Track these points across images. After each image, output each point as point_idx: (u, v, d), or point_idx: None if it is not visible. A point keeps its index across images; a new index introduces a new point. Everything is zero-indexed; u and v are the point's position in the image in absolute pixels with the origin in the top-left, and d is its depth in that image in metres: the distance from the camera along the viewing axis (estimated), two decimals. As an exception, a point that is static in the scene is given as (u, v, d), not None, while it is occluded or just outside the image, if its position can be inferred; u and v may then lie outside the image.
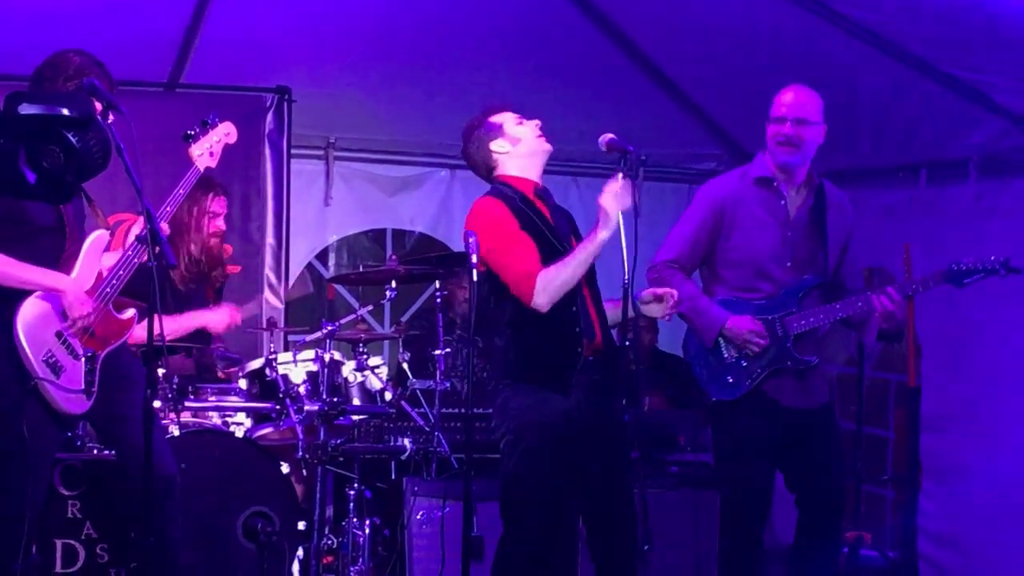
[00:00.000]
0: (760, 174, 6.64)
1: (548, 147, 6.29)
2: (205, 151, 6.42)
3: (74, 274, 5.93)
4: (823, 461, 6.61)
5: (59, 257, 5.94)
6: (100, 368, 5.97)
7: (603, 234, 5.91)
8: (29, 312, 5.81)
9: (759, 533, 6.65)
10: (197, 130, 6.45)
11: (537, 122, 6.31)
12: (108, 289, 5.98)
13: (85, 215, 6.08)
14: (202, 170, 6.40)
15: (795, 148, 6.51)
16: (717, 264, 6.74)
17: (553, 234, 6.17)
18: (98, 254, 6.02)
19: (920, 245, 8.02)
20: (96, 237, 6.03)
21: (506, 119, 6.32)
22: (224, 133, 6.53)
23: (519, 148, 6.28)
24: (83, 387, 5.89)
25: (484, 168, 6.37)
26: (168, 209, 6.16)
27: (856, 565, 6.80)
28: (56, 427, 5.96)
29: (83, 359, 5.90)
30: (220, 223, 8.00)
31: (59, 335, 5.85)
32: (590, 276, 6.14)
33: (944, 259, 6.80)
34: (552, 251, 6.10)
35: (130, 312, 6.14)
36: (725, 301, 6.68)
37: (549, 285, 5.97)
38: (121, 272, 5.99)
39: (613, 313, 6.17)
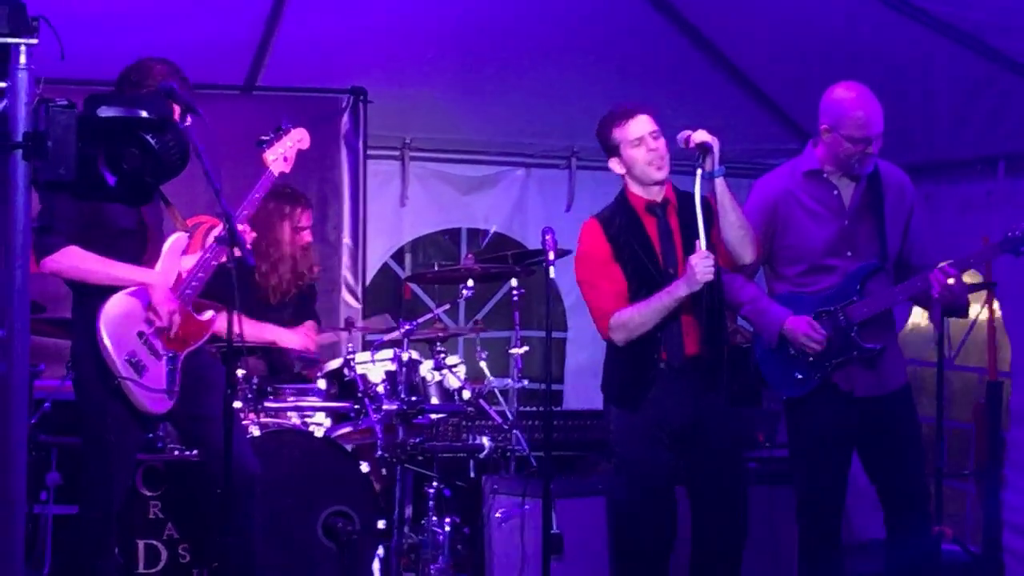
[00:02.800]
0: (809, 167, 6.57)
1: (659, 176, 6.22)
2: (279, 156, 6.47)
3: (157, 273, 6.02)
4: (900, 449, 6.53)
5: (139, 259, 6.01)
6: (181, 368, 6.03)
7: (683, 291, 6.03)
8: (112, 312, 5.89)
9: (835, 528, 6.59)
10: (271, 136, 6.49)
11: (654, 146, 6.21)
12: (187, 290, 6.04)
13: (163, 218, 6.14)
14: (276, 175, 6.45)
15: (871, 161, 6.47)
16: (776, 262, 6.71)
17: (651, 258, 6.22)
18: (177, 256, 6.08)
19: (999, 237, 7.96)
20: (175, 239, 6.09)
21: (625, 137, 6.26)
22: (297, 139, 6.56)
23: (632, 171, 6.29)
24: (165, 387, 5.96)
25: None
26: (245, 212, 6.21)
27: (938, 560, 6.73)
28: (139, 427, 6.04)
29: (165, 359, 5.95)
30: (308, 235, 8.07)
31: (141, 335, 5.92)
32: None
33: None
34: (645, 278, 6.21)
35: (209, 313, 6.20)
36: (785, 297, 6.65)
37: (622, 327, 6.22)
38: (200, 274, 6.05)
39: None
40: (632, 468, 6.36)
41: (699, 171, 6.00)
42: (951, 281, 6.30)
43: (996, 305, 7.89)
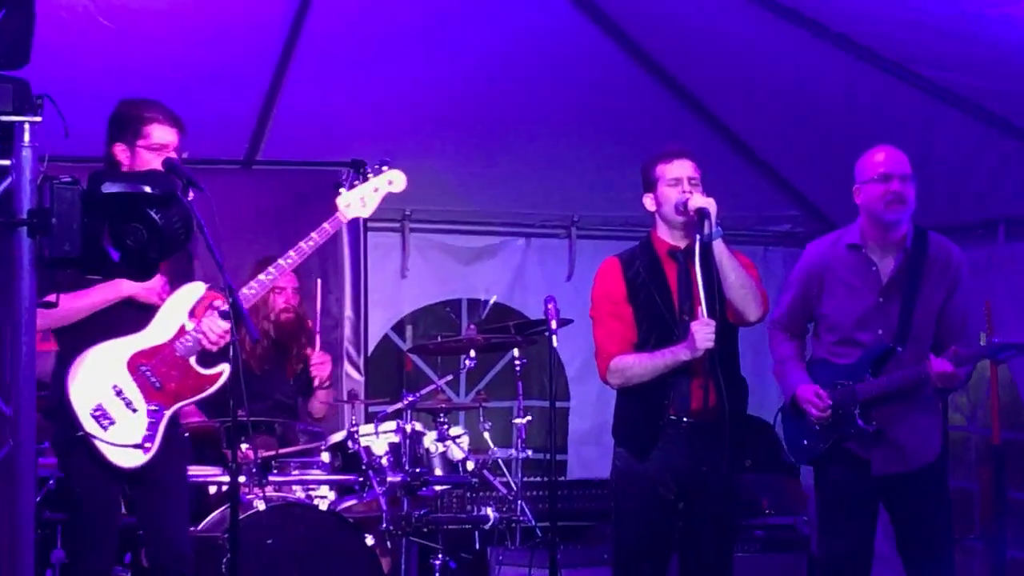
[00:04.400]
0: (852, 240, 6.58)
1: (681, 219, 6.22)
2: (355, 200, 6.34)
3: (150, 327, 5.93)
4: (925, 525, 6.49)
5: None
6: (166, 426, 5.89)
7: (684, 355, 6.02)
8: (84, 363, 5.83)
9: None
10: (350, 177, 6.40)
11: (688, 189, 6.22)
12: (187, 342, 5.94)
13: (190, 272, 6.08)
14: (346, 220, 6.32)
15: (904, 205, 6.44)
16: (818, 326, 6.75)
17: (667, 304, 6.22)
18: (187, 303, 6.00)
19: (1002, 301, 7.98)
20: (192, 287, 6.01)
21: (664, 175, 6.30)
22: (387, 181, 6.41)
23: (661, 210, 6.31)
24: (139, 442, 5.82)
25: None
26: (294, 257, 6.16)
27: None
28: (110, 480, 5.88)
29: (146, 411, 5.86)
30: (290, 297, 8.05)
31: (116, 388, 5.84)
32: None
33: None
34: (658, 324, 6.21)
35: (219, 367, 6.06)
36: (817, 362, 6.70)
37: (620, 373, 6.25)
38: (200, 336, 5.97)
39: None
40: (626, 520, 6.33)
41: (698, 236, 6.00)
42: (948, 372, 6.29)
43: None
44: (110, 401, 5.84)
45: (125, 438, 5.80)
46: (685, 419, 6.16)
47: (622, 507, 6.34)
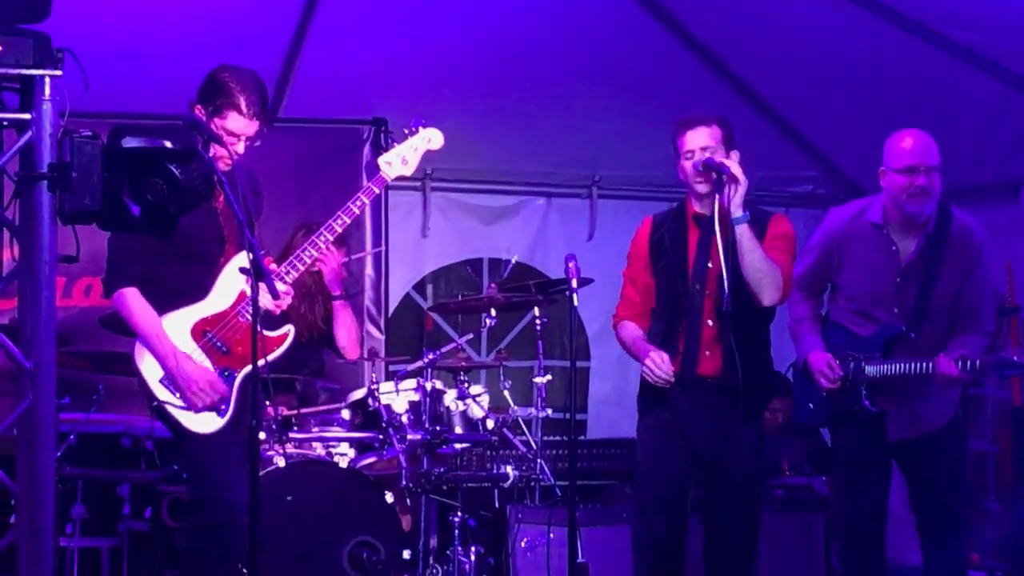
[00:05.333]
0: (873, 220, 6.56)
1: (699, 189, 6.25)
2: (396, 159, 6.36)
3: (212, 294, 5.92)
4: (938, 483, 6.53)
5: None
6: (240, 387, 5.91)
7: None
8: None
9: (874, 552, 6.58)
10: (389, 142, 6.41)
11: (698, 162, 6.21)
12: (247, 306, 5.92)
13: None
14: (390, 179, 6.35)
15: (929, 197, 6.41)
16: (837, 290, 6.77)
17: (681, 271, 6.28)
18: (239, 275, 5.91)
19: (1023, 262, 7.96)
20: (242, 256, 5.95)
21: (682, 147, 6.31)
22: (426, 139, 6.43)
23: (687, 181, 6.35)
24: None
25: None
26: (343, 219, 6.15)
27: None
28: (202, 440, 5.87)
29: (217, 376, 5.86)
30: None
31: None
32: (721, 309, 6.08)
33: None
34: (670, 291, 6.32)
35: (284, 329, 6.08)
36: (833, 325, 6.72)
37: (618, 338, 6.58)
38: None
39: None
40: (640, 478, 6.46)
41: (717, 197, 5.99)
42: (953, 376, 6.28)
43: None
44: None
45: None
46: (690, 381, 6.21)
47: (637, 464, 6.48)
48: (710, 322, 6.22)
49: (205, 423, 5.84)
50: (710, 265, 6.22)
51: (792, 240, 6.34)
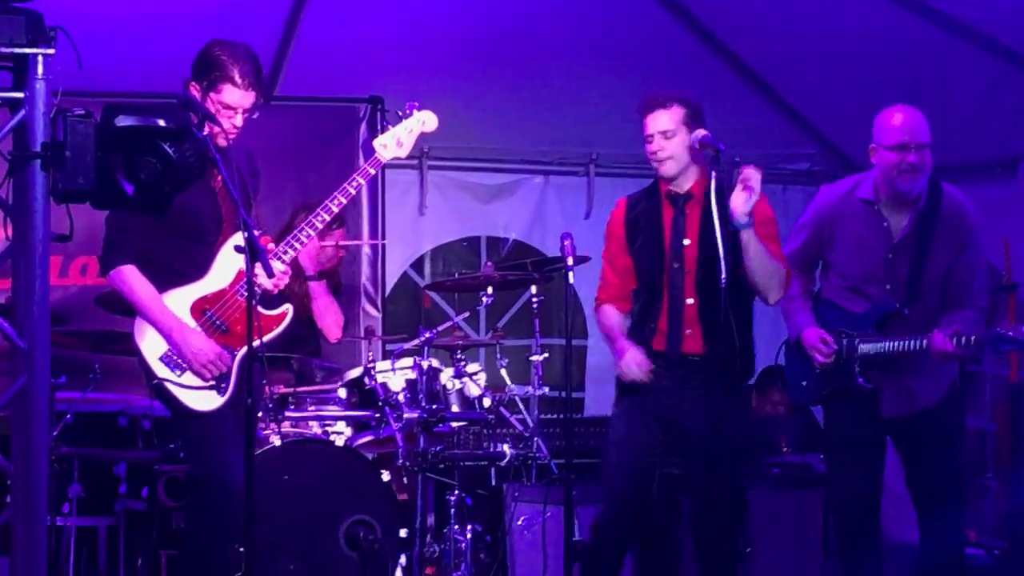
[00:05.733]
0: (864, 196, 6.55)
1: (662, 172, 6.31)
2: (391, 141, 6.36)
3: (210, 273, 5.92)
4: (933, 458, 6.53)
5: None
6: (239, 366, 5.90)
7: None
8: None
9: (869, 528, 6.60)
10: (384, 121, 6.43)
11: (652, 148, 6.29)
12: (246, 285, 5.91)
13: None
14: (385, 161, 6.36)
15: (920, 174, 6.40)
16: (828, 267, 6.78)
17: (657, 250, 6.32)
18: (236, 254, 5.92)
19: (1020, 239, 7.95)
20: (239, 236, 5.92)
21: (644, 132, 6.36)
22: (420, 122, 6.45)
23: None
24: (214, 383, 5.85)
25: None
26: (339, 200, 6.14)
27: (965, 565, 6.73)
28: (200, 419, 5.89)
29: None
30: (340, 252, 8.18)
31: None
32: (704, 285, 6.16)
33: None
34: (647, 269, 6.39)
35: (282, 308, 6.07)
36: (825, 302, 6.73)
37: (598, 322, 6.67)
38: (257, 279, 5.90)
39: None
40: (609, 447, 6.55)
41: (713, 174, 5.98)
42: (948, 352, 6.27)
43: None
44: None
45: (199, 380, 5.83)
46: (676, 359, 6.27)
47: (607, 440, 6.62)
48: (690, 300, 6.26)
49: (205, 401, 5.85)
50: (687, 242, 6.26)
51: (775, 222, 6.34)
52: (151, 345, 5.82)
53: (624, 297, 6.49)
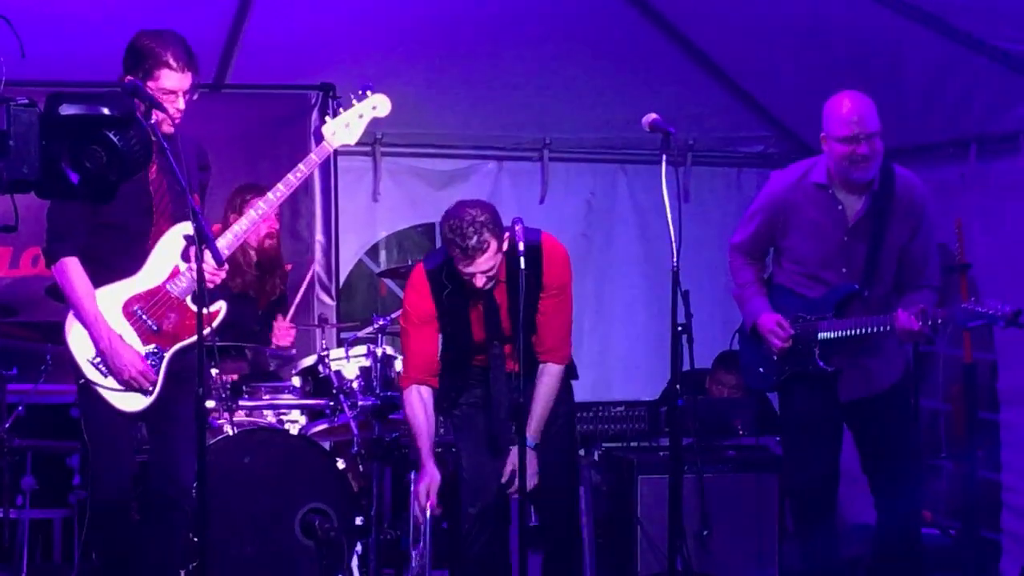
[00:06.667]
0: (817, 180, 6.55)
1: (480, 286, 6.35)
2: (340, 128, 6.32)
3: (144, 270, 5.89)
4: (889, 438, 6.56)
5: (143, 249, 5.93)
6: (168, 366, 5.90)
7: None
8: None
9: (825, 511, 6.62)
10: (336, 107, 6.40)
11: (480, 283, 6.30)
12: (179, 282, 5.90)
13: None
14: (333, 149, 6.33)
15: (872, 162, 6.40)
16: (780, 254, 6.77)
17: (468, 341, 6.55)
18: (180, 243, 5.91)
19: (973, 220, 7.98)
20: (181, 227, 5.90)
21: (469, 267, 6.33)
22: (371, 106, 6.39)
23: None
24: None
25: None
26: (283, 190, 6.11)
27: (921, 544, 6.77)
28: (120, 420, 5.90)
29: (144, 355, 5.85)
30: (273, 222, 8.02)
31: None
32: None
33: (998, 233, 6.84)
34: (462, 346, 6.60)
35: (216, 305, 6.02)
36: (779, 289, 6.74)
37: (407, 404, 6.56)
38: (189, 272, 5.89)
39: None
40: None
41: (664, 156, 5.98)
42: (914, 330, 6.28)
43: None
44: None
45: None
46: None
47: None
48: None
49: (133, 402, 5.86)
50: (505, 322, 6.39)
51: (567, 287, 6.54)
52: (81, 345, 5.83)
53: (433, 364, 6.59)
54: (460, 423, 6.59)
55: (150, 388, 5.83)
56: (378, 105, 6.41)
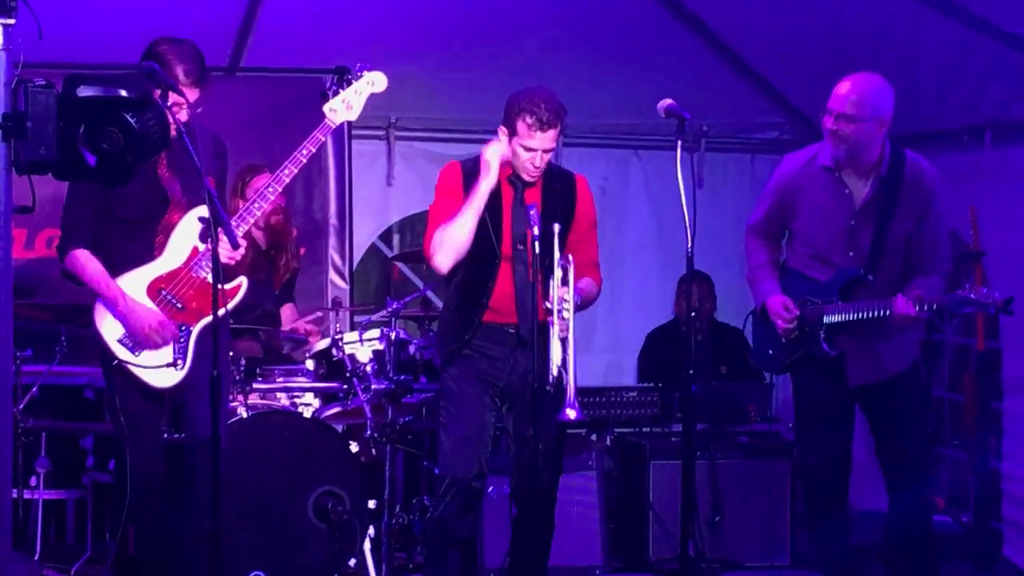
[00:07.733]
0: (825, 163, 6.55)
1: (530, 179, 6.31)
2: (340, 106, 6.33)
3: (164, 254, 5.95)
4: (900, 424, 6.55)
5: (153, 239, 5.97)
6: (196, 343, 5.97)
7: (483, 185, 6.18)
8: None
9: (837, 495, 6.62)
10: (334, 85, 6.41)
11: (539, 162, 6.28)
12: (205, 263, 5.94)
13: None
14: (334, 126, 6.32)
15: (840, 142, 6.41)
16: (792, 237, 6.77)
17: (496, 228, 6.27)
18: (197, 225, 5.97)
19: (987, 208, 7.96)
20: (198, 210, 5.92)
21: (520, 140, 6.29)
22: (368, 83, 6.42)
23: (513, 160, 6.32)
24: (171, 361, 5.92)
25: None
26: (290, 169, 6.12)
27: (932, 532, 6.76)
28: (149, 400, 5.99)
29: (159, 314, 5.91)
30: (279, 198, 8.01)
31: None
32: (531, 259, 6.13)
33: (1013, 221, 6.77)
34: (481, 245, 6.25)
35: (236, 281, 6.09)
36: (791, 272, 6.73)
37: (440, 243, 6.22)
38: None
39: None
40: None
41: (679, 142, 5.99)
42: (910, 316, 6.29)
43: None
44: None
45: (157, 360, 5.91)
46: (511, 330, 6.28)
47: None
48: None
49: (165, 378, 5.92)
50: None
51: (595, 227, 6.48)
52: (110, 328, 5.90)
53: None
54: (450, 393, 6.36)
55: (179, 361, 5.90)
56: (375, 81, 6.43)
